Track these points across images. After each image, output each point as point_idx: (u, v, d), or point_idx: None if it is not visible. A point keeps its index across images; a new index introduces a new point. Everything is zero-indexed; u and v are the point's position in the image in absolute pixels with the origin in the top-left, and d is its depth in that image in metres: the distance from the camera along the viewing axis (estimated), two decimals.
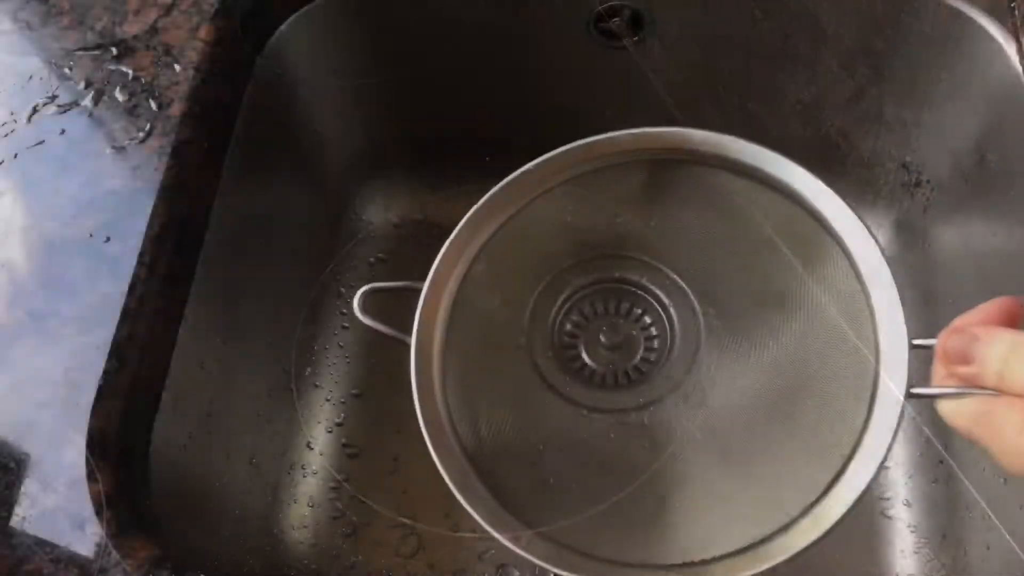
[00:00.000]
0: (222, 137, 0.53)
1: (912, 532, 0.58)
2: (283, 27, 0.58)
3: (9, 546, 0.40)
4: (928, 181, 0.64)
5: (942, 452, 0.59)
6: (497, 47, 0.64)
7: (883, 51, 0.59)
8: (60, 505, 0.41)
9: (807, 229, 0.37)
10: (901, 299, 0.32)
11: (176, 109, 0.51)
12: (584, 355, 0.44)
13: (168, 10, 0.55)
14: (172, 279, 0.47)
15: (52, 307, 0.46)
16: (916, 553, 0.57)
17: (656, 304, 0.44)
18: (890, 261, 0.34)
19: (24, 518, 0.41)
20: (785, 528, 0.32)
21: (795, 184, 0.37)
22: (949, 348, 0.29)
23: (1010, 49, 0.52)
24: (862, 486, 0.30)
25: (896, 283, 0.33)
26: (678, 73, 0.64)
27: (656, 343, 0.44)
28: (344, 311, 0.68)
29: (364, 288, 0.39)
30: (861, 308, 0.34)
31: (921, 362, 0.32)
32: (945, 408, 0.30)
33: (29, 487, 0.41)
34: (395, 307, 0.39)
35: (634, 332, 0.45)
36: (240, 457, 0.56)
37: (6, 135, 0.52)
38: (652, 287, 0.45)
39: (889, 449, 0.30)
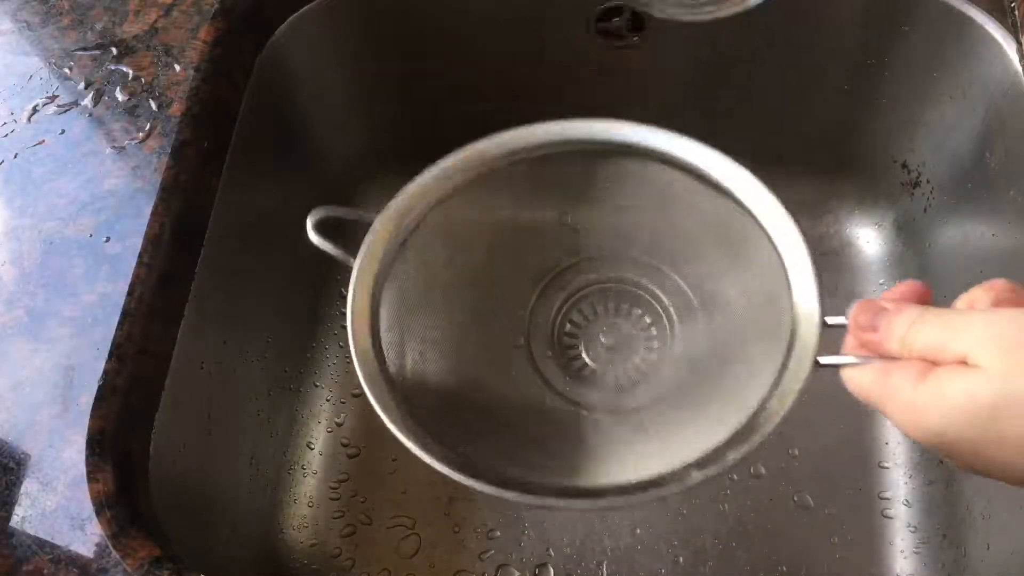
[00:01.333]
0: (222, 137, 0.53)
1: (912, 532, 0.58)
2: (283, 27, 0.58)
3: (9, 546, 0.40)
4: (928, 181, 0.64)
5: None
6: (497, 47, 0.64)
7: (883, 51, 0.59)
8: (60, 505, 0.41)
9: (733, 216, 0.39)
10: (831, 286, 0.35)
11: (176, 109, 0.51)
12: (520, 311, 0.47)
13: (168, 10, 0.55)
14: (172, 279, 0.47)
15: (52, 307, 0.46)
16: (916, 553, 0.57)
17: (590, 273, 0.47)
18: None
19: (24, 518, 0.41)
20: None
21: (714, 172, 0.40)
22: (860, 318, 0.32)
23: (1010, 49, 0.52)
24: (765, 434, 0.34)
25: (818, 268, 0.36)
26: (678, 73, 0.64)
27: (584, 306, 0.47)
28: (344, 311, 0.67)
29: (317, 209, 0.41)
30: (782, 289, 0.37)
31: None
32: (848, 374, 0.32)
33: (29, 487, 0.41)
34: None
35: (566, 286, 0.47)
36: (240, 457, 0.56)
37: (6, 135, 0.52)
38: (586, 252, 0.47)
39: (788, 409, 0.34)
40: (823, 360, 0.34)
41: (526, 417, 0.42)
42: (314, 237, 0.41)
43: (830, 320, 0.34)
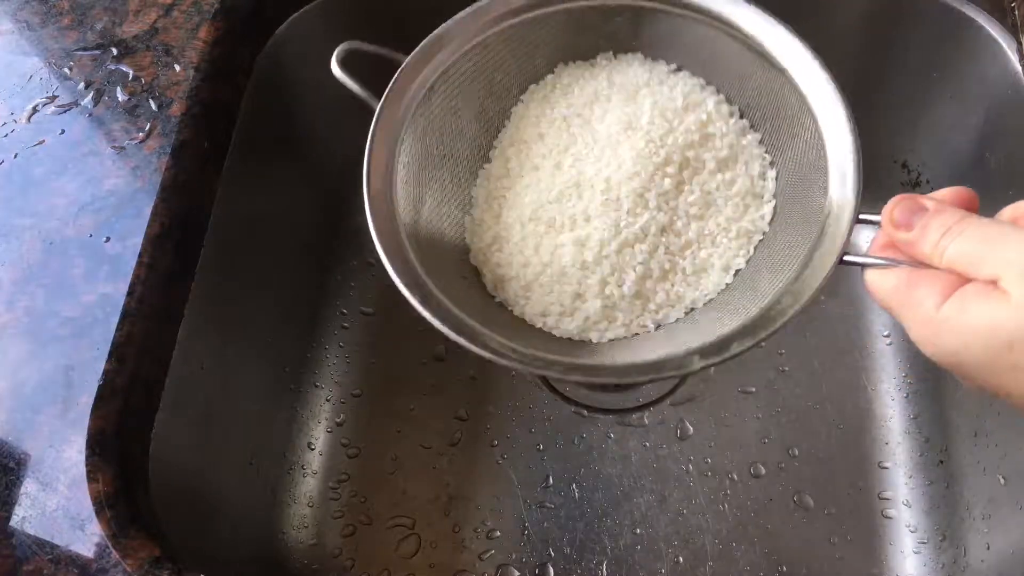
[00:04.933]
0: (222, 137, 0.53)
1: (912, 532, 0.58)
2: (283, 27, 0.58)
3: (9, 546, 0.40)
4: (928, 181, 0.64)
5: (942, 452, 0.59)
6: None
7: (883, 51, 0.59)
8: (60, 505, 0.41)
9: (786, 91, 0.38)
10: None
11: (176, 109, 0.51)
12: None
13: (168, 10, 0.55)
14: (172, 279, 0.47)
15: (52, 307, 0.46)
16: (916, 553, 0.57)
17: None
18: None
19: (24, 518, 0.41)
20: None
21: (767, 44, 0.39)
22: (896, 213, 0.30)
23: (1010, 49, 0.52)
24: (772, 329, 0.32)
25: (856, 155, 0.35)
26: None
27: None
28: (344, 311, 0.68)
29: (344, 44, 0.40)
30: (822, 180, 0.35)
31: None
32: (871, 276, 0.30)
33: (29, 487, 0.41)
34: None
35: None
36: (240, 457, 0.56)
37: (6, 135, 0.52)
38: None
39: (814, 296, 0.32)
40: (848, 258, 0.32)
41: (540, 285, 0.39)
42: (338, 72, 0.39)
43: (864, 216, 0.33)
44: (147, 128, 0.50)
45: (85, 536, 0.40)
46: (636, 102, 0.41)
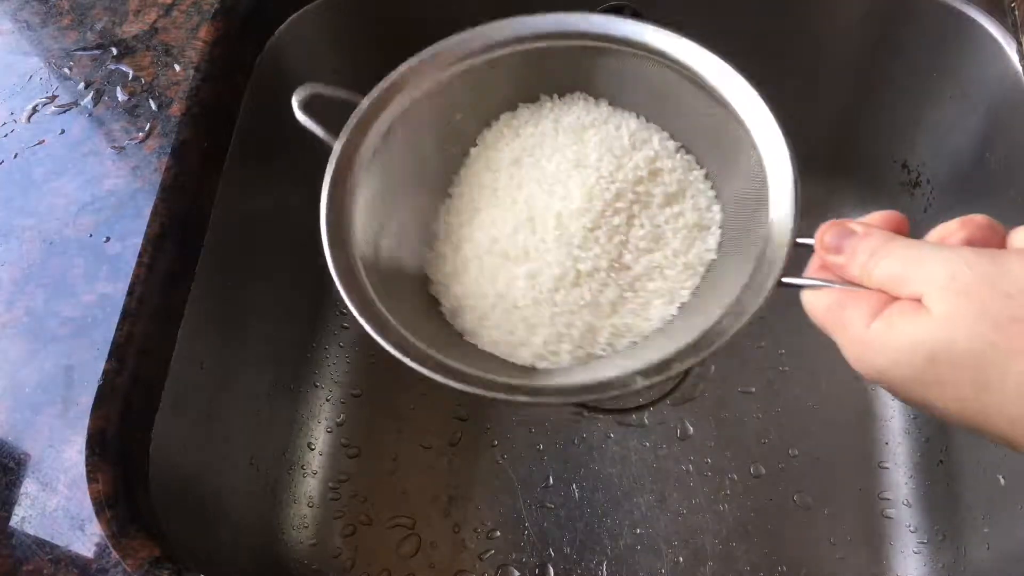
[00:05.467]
0: (222, 137, 0.53)
1: (912, 532, 0.58)
2: (283, 27, 0.58)
3: (9, 546, 0.40)
4: (928, 181, 0.64)
5: (942, 452, 0.59)
6: None
7: (883, 51, 0.59)
8: (60, 505, 0.41)
9: (727, 123, 0.40)
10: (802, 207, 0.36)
11: (176, 109, 0.51)
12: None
13: (168, 10, 0.55)
14: (172, 279, 0.47)
15: (52, 307, 0.46)
16: (916, 553, 0.57)
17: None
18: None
19: (24, 518, 0.41)
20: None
21: (710, 77, 0.40)
22: (826, 238, 0.32)
23: (1010, 49, 0.52)
24: (711, 350, 0.34)
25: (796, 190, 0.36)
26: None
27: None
28: (344, 311, 0.68)
29: (304, 86, 0.41)
30: (764, 209, 0.37)
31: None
32: (806, 297, 0.32)
33: (29, 487, 0.41)
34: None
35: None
36: (240, 457, 0.56)
37: (6, 135, 0.52)
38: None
39: (754, 317, 0.34)
40: (787, 280, 0.34)
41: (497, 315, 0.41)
42: (300, 115, 0.41)
43: (800, 240, 0.34)
44: (147, 128, 0.50)
45: (85, 536, 0.40)
46: (583, 141, 0.43)
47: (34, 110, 0.52)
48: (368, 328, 0.36)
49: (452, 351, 0.37)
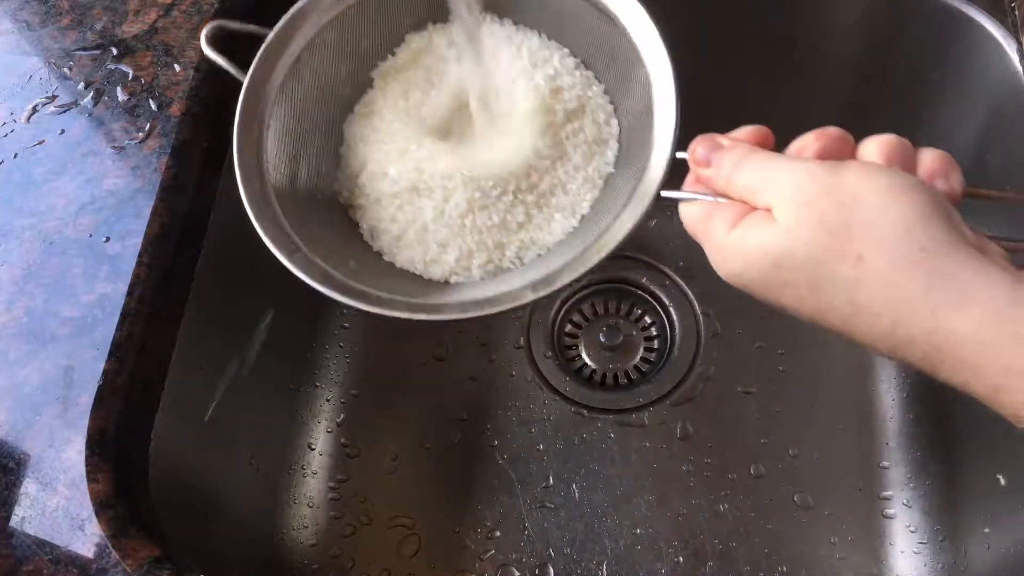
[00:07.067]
0: (222, 137, 0.53)
1: (912, 532, 0.58)
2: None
3: (9, 546, 0.40)
4: None
5: (942, 453, 0.59)
6: None
7: (883, 51, 0.59)
8: (60, 505, 0.41)
9: (621, 42, 0.41)
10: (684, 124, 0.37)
11: (176, 109, 0.51)
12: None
13: (168, 10, 0.55)
14: (172, 279, 0.47)
15: (51, 307, 0.46)
16: (916, 553, 0.57)
17: None
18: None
19: (24, 518, 0.41)
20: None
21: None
22: (697, 152, 0.34)
23: (1010, 49, 0.52)
24: (591, 264, 0.36)
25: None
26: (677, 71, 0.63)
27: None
28: (344, 311, 0.68)
29: (212, 23, 0.43)
30: (650, 123, 0.38)
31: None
32: (682, 208, 0.34)
33: (29, 487, 0.41)
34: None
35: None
36: (240, 457, 0.56)
37: (6, 135, 0.52)
38: None
39: (634, 228, 0.35)
40: (665, 193, 0.35)
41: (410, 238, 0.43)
42: (207, 50, 0.42)
43: (679, 154, 0.36)
44: (147, 128, 0.50)
45: (85, 536, 0.40)
46: (486, 62, 0.44)
47: (34, 110, 0.52)
48: (276, 252, 0.38)
49: (369, 270, 0.39)
